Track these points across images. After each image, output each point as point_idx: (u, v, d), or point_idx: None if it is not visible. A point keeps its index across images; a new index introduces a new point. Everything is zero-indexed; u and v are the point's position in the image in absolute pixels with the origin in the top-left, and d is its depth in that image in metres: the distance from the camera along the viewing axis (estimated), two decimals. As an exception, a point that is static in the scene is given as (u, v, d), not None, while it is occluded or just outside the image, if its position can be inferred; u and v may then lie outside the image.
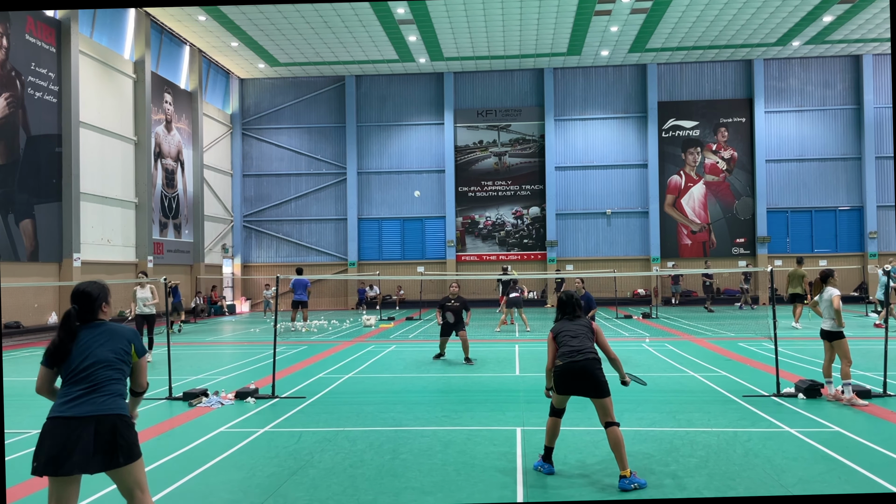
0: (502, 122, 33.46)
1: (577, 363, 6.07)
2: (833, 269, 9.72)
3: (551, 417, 6.30)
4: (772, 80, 32.41)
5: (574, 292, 6.83)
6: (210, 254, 31.33)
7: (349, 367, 12.97)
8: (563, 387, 6.16)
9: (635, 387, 10.38)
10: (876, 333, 16.17)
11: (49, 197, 20.74)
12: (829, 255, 31.90)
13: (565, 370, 6.11)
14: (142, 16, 25.47)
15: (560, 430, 6.38)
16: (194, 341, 19.15)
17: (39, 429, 4.00)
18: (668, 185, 32.90)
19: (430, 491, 5.78)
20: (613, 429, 5.87)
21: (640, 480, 5.76)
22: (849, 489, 5.70)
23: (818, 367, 11.20)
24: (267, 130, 34.31)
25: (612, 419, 5.93)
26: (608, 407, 5.98)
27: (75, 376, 4.05)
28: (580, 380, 6.06)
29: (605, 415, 5.97)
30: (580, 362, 6.07)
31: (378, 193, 33.97)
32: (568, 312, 6.48)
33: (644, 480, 5.80)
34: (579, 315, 6.49)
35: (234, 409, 9.23)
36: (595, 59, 32.04)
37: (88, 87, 22.70)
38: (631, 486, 5.69)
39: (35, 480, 6.17)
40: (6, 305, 18.73)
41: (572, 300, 6.50)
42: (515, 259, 33.24)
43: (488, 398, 9.70)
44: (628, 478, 5.73)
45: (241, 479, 6.16)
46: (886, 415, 8.37)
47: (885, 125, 31.48)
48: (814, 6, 25.86)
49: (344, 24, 27.02)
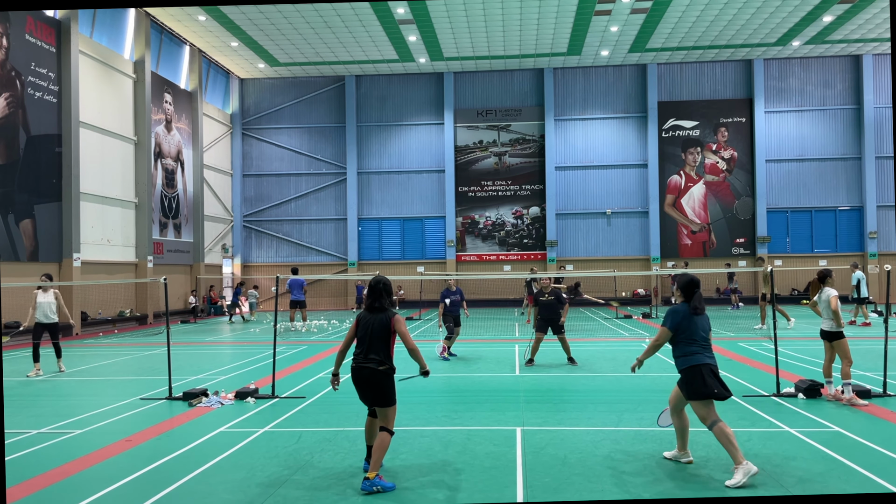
0: (502, 122, 33.46)
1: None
2: (831, 269, 9.70)
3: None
4: (772, 80, 32.41)
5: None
6: (210, 254, 31.32)
7: (349, 368, 12.96)
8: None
9: (636, 388, 10.39)
10: (876, 333, 16.16)
11: (49, 197, 20.73)
12: (829, 255, 31.89)
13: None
14: (142, 16, 25.47)
15: (557, 430, 6.39)
16: (194, 341, 19.15)
17: (39, 429, 4.00)
18: (668, 184, 32.90)
19: (430, 491, 5.78)
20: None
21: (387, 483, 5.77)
22: (849, 489, 5.70)
23: (818, 367, 11.20)
24: (267, 130, 34.31)
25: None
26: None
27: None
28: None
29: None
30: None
31: (378, 193, 33.96)
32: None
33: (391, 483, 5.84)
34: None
35: (234, 409, 9.23)
36: (595, 59, 32.04)
37: (88, 87, 22.69)
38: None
39: (35, 480, 6.18)
40: (6, 305, 18.72)
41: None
42: (515, 259, 33.24)
43: (488, 398, 9.69)
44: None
45: (241, 479, 6.16)
46: (886, 415, 8.37)
47: (885, 125, 31.48)
48: (814, 6, 25.86)
49: (344, 24, 27.02)
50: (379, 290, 6.26)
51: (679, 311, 6.23)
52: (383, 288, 6.27)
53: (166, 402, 9.85)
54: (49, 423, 8.44)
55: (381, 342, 6.14)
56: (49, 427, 8.25)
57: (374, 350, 6.12)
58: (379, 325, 6.16)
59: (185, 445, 7.35)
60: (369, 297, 6.30)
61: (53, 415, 9.00)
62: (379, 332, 6.14)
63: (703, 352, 6.15)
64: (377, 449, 5.89)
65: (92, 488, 5.94)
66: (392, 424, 6.10)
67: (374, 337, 6.14)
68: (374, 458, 5.84)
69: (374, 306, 6.25)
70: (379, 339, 6.14)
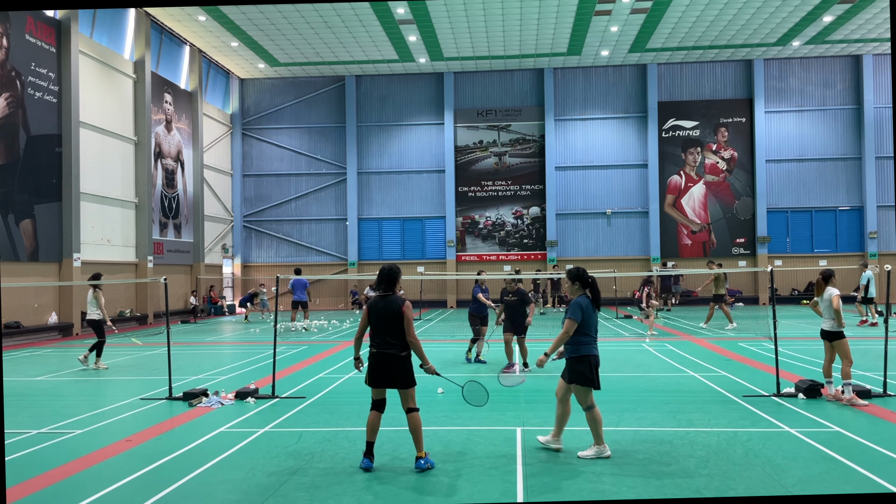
0: (502, 122, 33.47)
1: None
2: (833, 270, 9.72)
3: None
4: (772, 80, 32.42)
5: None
6: (210, 254, 31.33)
7: (349, 367, 12.96)
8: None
9: (636, 388, 10.39)
10: (876, 333, 16.16)
11: (49, 197, 20.73)
12: (829, 255, 31.89)
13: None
14: (142, 16, 25.47)
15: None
16: (194, 341, 19.15)
17: (39, 429, 4.00)
18: (668, 185, 32.90)
19: (429, 491, 5.78)
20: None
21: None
22: (849, 489, 5.70)
23: (818, 367, 11.20)
24: (267, 130, 34.31)
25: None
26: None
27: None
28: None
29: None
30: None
31: (378, 193, 33.97)
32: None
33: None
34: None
35: (234, 409, 9.23)
36: (595, 59, 32.04)
37: (88, 87, 22.69)
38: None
39: (35, 480, 6.18)
40: (6, 305, 18.72)
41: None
42: (516, 259, 33.23)
43: (488, 398, 9.66)
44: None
45: (241, 479, 6.16)
46: (886, 415, 8.37)
47: (885, 125, 31.47)
48: (814, 6, 25.86)
49: (344, 24, 27.02)
50: (385, 275, 6.56)
51: (583, 304, 6.75)
52: (389, 274, 6.56)
53: (166, 402, 9.85)
54: (49, 423, 8.43)
55: (396, 327, 6.39)
56: (49, 427, 8.24)
57: (391, 335, 6.36)
58: (391, 311, 6.40)
59: (185, 445, 7.34)
60: (380, 284, 6.56)
61: (53, 415, 8.99)
62: (392, 318, 6.39)
63: (594, 344, 6.77)
64: (415, 430, 6.34)
65: (92, 488, 5.94)
66: (415, 402, 6.45)
67: (389, 323, 6.39)
68: (416, 439, 6.35)
69: (384, 292, 6.51)
70: (393, 325, 6.38)
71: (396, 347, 6.33)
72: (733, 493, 5.62)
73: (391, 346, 6.33)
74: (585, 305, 6.73)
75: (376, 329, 6.43)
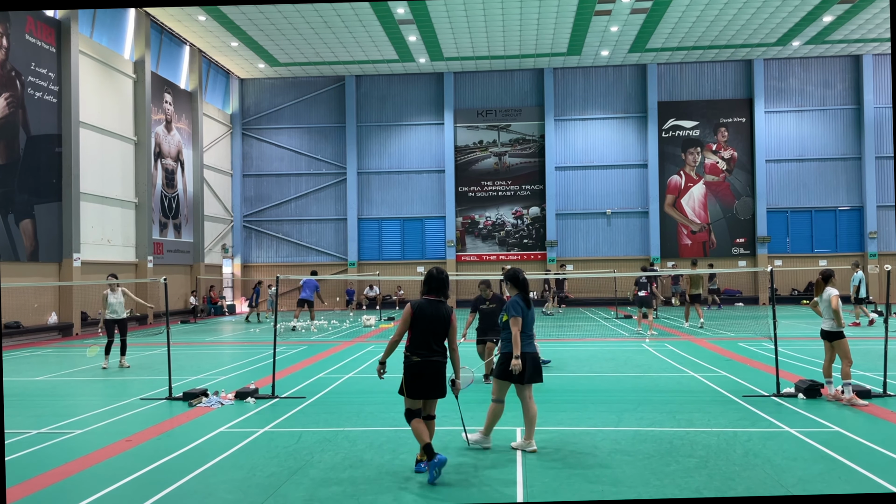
0: (502, 122, 33.46)
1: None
2: (833, 270, 9.71)
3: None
4: (772, 80, 32.41)
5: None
6: (210, 254, 31.33)
7: (349, 367, 12.97)
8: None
9: (636, 388, 10.39)
10: (876, 333, 16.16)
11: (49, 197, 20.73)
12: (829, 255, 31.89)
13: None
14: (142, 16, 25.47)
15: (557, 430, 6.41)
16: (194, 341, 19.15)
17: (39, 429, 4.00)
18: (668, 185, 32.90)
19: (429, 491, 5.78)
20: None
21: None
22: (849, 489, 5.70)
23: (818, 367, 11.20)
24: (267, 130, 34.31)
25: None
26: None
27: None
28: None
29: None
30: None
31: (378, 193, 33.97)
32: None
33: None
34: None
35: (234, 409, 9.23)
36: (595, 59, 32.04)
37: (88, 87, 22.69)
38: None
39: (35, 480, 6.18)
40: (6, 305, 18.72)
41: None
42: (516, 259, 33.23)
43: (488, 398, 9.65)
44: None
45: (241, 479, 6.16)
46: (886, 415, 8.37)
47: (885, 125, 31.47)
48: (814, 6, 25.86)
49: (344, 24, 27.03)
50: (437, 279, 6.38)
51: (518, 303, 6.99)
52: (441, 278, 6.40)
53: (166, 402, 9.85)
54: (49, 423, 8.43)
55: (442, 335, 6.25)
56: (49, 427, 8.24)
57: (436, 342, 6.23)
58: (442, 317, 6.24)
59: (185, 445, 7.34)
60: (434, 288, 6.34)
61: (53, 415, 8.99)
62: (442, 324, 6.23)
63: (529, 341, 6.96)
64: (432, 435, 6.29)
65: (92, 488, 5.94)
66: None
67: (437, 330, 6.22)
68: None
69: (436, 298, 6.33)
70: (441, 332, 6.24)
71: (440, 355, 6.19)
72: (733, 493, 5.62)
73: (436, 354, 6.16)
74: (521, 304, 6.98)
75: (422, 335, 6.15)
